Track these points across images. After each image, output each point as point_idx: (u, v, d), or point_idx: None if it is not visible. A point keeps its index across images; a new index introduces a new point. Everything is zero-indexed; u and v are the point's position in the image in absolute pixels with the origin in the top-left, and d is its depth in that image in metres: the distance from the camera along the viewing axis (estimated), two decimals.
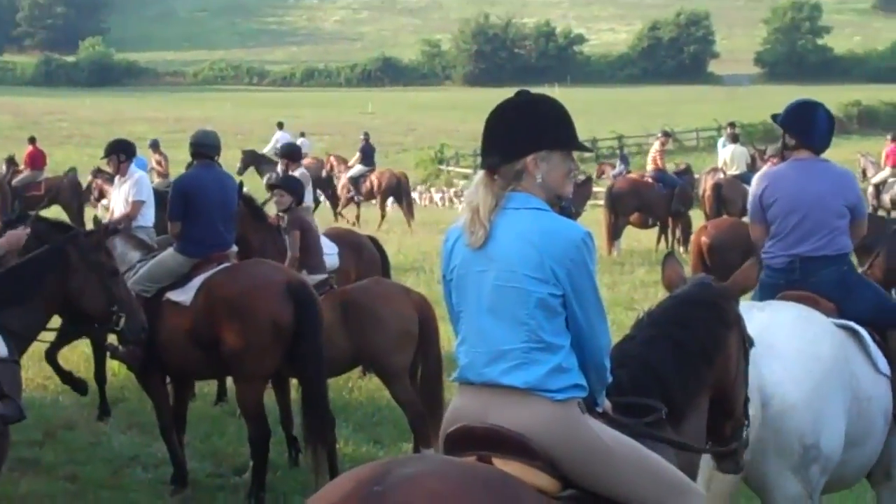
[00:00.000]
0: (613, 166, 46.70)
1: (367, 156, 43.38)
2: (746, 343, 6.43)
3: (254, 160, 40.74)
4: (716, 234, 21.90)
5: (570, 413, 5.16)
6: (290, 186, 15.43)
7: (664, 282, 7.16)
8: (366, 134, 45.92)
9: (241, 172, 37.06)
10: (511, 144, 5.35)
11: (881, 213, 33.06)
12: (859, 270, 10.41)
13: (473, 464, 4.98)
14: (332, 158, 39.92)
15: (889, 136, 39.53)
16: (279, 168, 31.78)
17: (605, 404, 5.48)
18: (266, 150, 42.83)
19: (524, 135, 5.36)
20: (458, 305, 5.46)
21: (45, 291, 11.03)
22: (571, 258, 5.18)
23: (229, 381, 15.10)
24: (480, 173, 5.39)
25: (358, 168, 42.22)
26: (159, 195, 18.75)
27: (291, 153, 18.58)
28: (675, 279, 6.90)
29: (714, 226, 22.58)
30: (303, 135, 45.42)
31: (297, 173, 18.01)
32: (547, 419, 5.11)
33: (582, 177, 34.12)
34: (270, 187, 16.89)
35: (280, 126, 45.28)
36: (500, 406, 5.17)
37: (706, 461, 6.52)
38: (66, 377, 15.40)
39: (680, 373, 5.88)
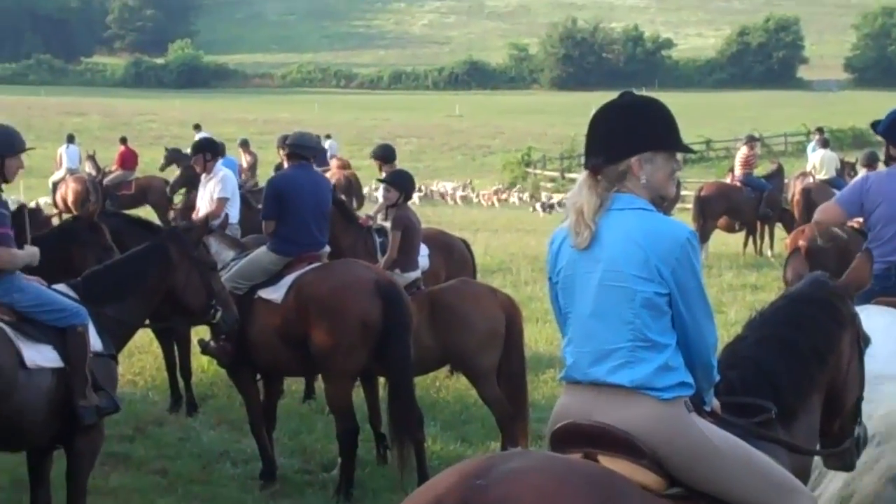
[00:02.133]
0: None
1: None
2: (861, 342, 6.35)
3: (176, 158, 40.37)
4: (814, 236, 21.73)
5: (677, 412, 5.14)
6: (400, 182, 15.26)
7: (786, 277, 7.20)
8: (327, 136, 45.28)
9: (162, 169, 36.93)
10: (616, 145, 5.33)
11: None
12: None
13: (578, 460, 4.97)
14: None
15: None
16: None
17: (714, 403, 5.44)
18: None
19: (629, 136, 5.35)
20: (566, 307, 5.45)
21: (147, 287, 11.24)
22: (677, 257, 5.16)
23: (318, 378, 15.11)
24: (584, 174, 5.38)
25: None
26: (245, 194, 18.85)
27: (385, 155, 18.55)
28: (797, 274, 6.90)
29: (811, 228, 22.41)
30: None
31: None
32: (653, 418, 5.08)
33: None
34: (379, 181, 16.81)
35: (197, 128, 43.52)
36: (607, 404, 5.15)
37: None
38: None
39: (791, 373, 5.83)
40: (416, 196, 38.75)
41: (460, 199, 55.56)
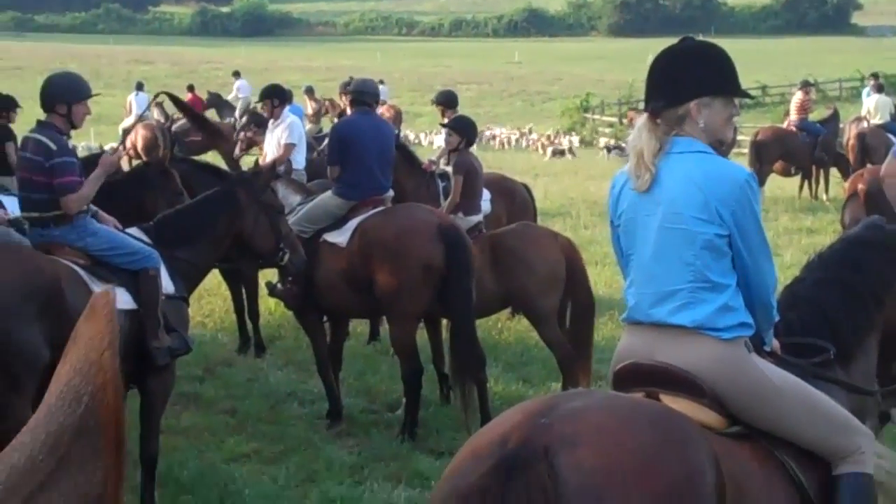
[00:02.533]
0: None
1: None
2: None
3: (215, 103, 40.35)
4: (873, 180, 21.61)
5: (737, 351, 5.16)
6: (461, 127, 15.25)
7: (843, 221, 7.24)
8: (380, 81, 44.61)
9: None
10: (675, 89, 5.36)
11: None
12: None
13: (639, 399, 5.01)
14: (326, 103, 37.62)
15: None
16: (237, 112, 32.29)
17: (774, 344, 5.48)
18: (229, 97, 42.33)
19: (688, 80, 5.39)
20: (627, 249, 5.51)
21: (217, 231, 11.41)
22: (737, 199, 5.19)
23: (382, 320, 15.20)
24: (643, 117, 5.43)
25: None
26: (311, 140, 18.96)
27: (447, 101, 18.56)
28: (854, 218, 6.92)
29: (870, 172, 22.31)
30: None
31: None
32: (714, 357, 5.11)
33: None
34: (443, 126, 16.86)
35: (237, 75, 44.30)
36: (668, 344, 5.19)
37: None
38: None
39: (849, 314, 5.84)
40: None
41: (515, 142, 55.83)
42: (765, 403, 5.11)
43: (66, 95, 10.78)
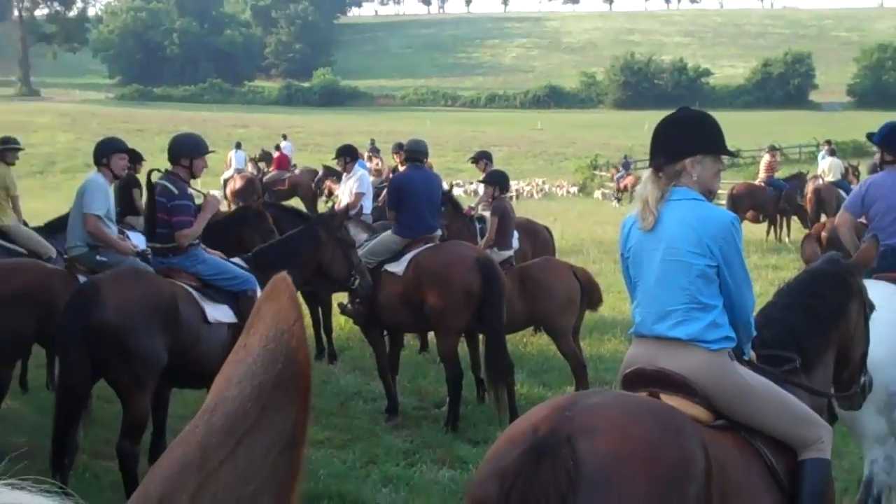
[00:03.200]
0: (618, 169, 55.18)
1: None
2: (867, 308, 6.37)
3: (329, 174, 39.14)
4: (832, 228, 21.64)
5: (723, 360, 5.21)
6: (495, 179, 15.47)
7: (804, 257, 7.25)
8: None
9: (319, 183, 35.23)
10: (674, 149, 5.44)
11: None
12: None
13: (644, 398, 5.04)
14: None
15: None
16: None
17: (751, 354, 5.52)
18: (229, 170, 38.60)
19: (684, 142, 5.47)
20: (635, 277, 5.54)
21: (302, 260, 11.53)
22: (724, 237, 5.26)
23: (430, 334, 15.22)
24: (648, 171, 5.51)
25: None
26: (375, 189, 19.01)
27: (484, 157, 18.59)
28: (811, 255, 6.93)
29: (830, 222, 22.38)
30: (284, 137, 42.10)
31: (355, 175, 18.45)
32: (704, 364, 5.16)
33: None
34: (480, 181, 16.80)
35: (284, 137, 42.91)
36: (667, 354, 5.24)
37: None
38: None
39: (811, 333, 5.88)
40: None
41: (537, 192, 56.02)
42: (744, 402, 5.13)
43: (189, 151, 10.91)
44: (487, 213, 15.13)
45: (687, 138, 5.46)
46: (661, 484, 4.41)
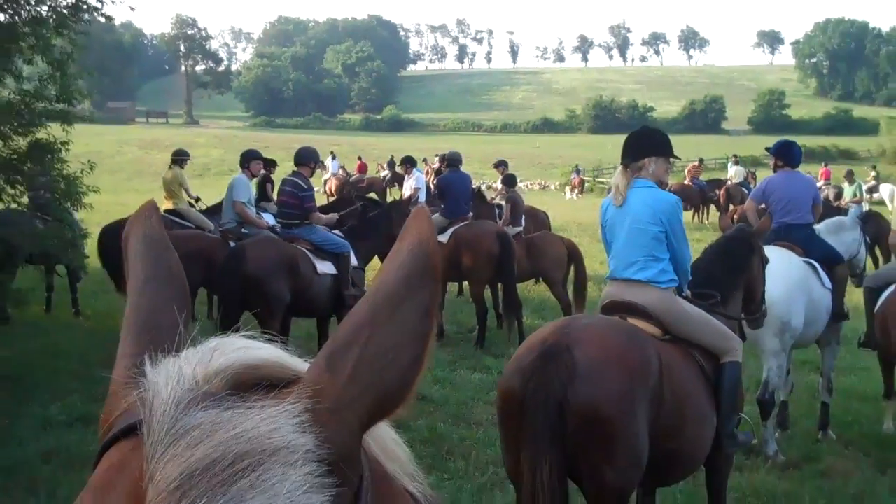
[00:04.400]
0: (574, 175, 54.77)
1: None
2: (763, 261, 6.33)
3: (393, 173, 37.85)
4: (742, 212, 21.48)
5: (670, 295, 5.22)
6: (508, 180, 15.70)
7: (721, 227, 7.32)
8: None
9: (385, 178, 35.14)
10: (637, 152, 5.42)
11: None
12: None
13: (617, 320, 5.02)
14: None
15: (823, 164, 38.83)
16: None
17: (687, 292, 5.46)
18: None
19: (644, 147, 5.45)
20: (610, 239, 5.53)
21: (379, 233, 11.46)
22: (670, 212, 5.30)
23: (465, 284, 15.25)
24: (620, 168, 5.49)
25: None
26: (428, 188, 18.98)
27: (502, 164, 18.56)
28: (726, 226, 6.98)
29: (740, 208, 22.19)
30: (333, 156, 38.51)
31: (413, 178, 18.53)
32: (657, 298, 5.16)
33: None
34: (501, 182, 16.71)
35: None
36: (632, 291, 5.24)
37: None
38: None
39: (727, 278, 5.90)
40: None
41: (536, 188, 56.05)
42: (683, 323, 5.13)
43: (312, 157, 10.98)
44: (504, 202, 15.14)
45: (646, 145, 5.46)
46: (629, 376, 4.43)
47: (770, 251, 8.05)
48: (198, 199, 15.06)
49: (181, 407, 0.85)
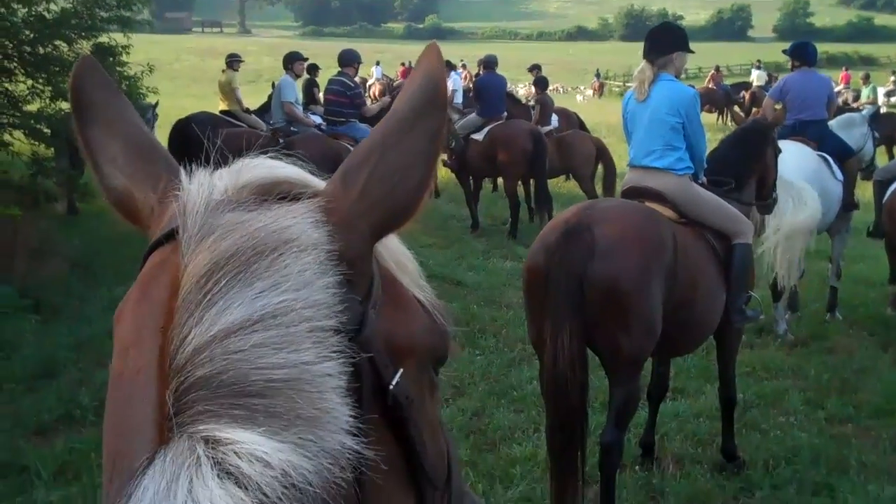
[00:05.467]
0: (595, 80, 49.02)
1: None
2: (776, 151, 6.24)
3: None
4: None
5: (685, 181, 5.18)
6: (540, 82, 15.58)
7: (736, 122, 7.24)
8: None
9: None
10: (664, 47, 5.34)
11: None
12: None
13: (636, 203, 5.00)
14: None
15: (843, 68, 37.92)
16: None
17: (703, 179, 5.43)
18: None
19: (670, 43, 5.38)
20: (631, 129, 5.46)
21: None
22: (688, 104, 5.23)
23: (499, 179, 15.25)
24: (643, 62, 5.38)
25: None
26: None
27: (536, 68, 18.27)
28: (741, 121, 6.90)
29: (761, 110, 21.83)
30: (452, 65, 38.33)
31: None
32: (673, 183, 5.14)
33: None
34: (533, 84, 16.50)
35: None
36: (650, 177, 5.21)
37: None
38: None
39: (741, 165, 5.82)
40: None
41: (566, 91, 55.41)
42: (697, 207, 5.10)
43: (355, 59, 10.93)
44: (534, 104, 15.06)
45: (671, 40, 5.37)
46: (646, 252, 4.44)
47: (785, 145, 7.98)
48: (247, 110, 14.89)
49: (210, 209, 0.91)
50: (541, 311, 4.45)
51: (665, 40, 5.37)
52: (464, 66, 32.79)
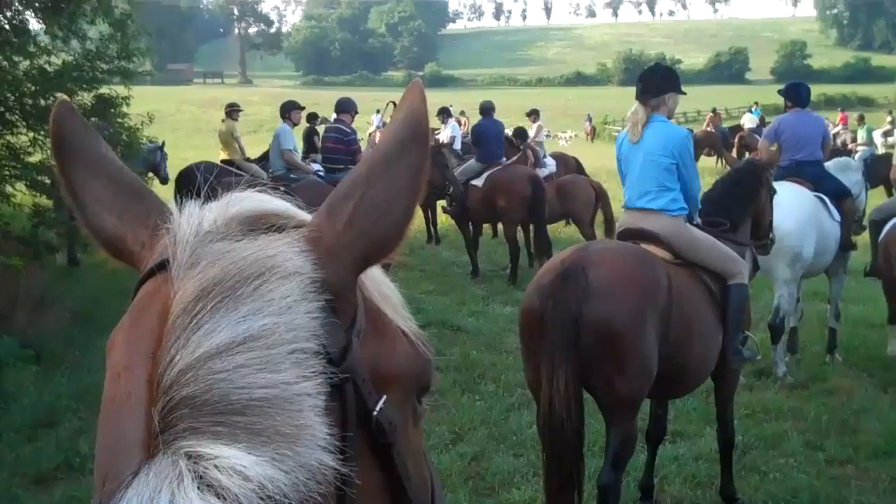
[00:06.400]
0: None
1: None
2: (770, 192, 6.30)
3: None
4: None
5: (680, 222, 5.24)
6: (518, 136, 15.90)
7: (729, 164, 7.30)
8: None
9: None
10: (658, 88, 5.38)
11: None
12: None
13: (631, 245, 5.05)
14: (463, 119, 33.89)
15: (839, 109, 38.29)
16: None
17: (697, 220, 5.48)
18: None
19: (664, 84, 5.44)
20: (625, 171, 5.54)
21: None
22: (681, 145, 5.29)
23: (499, 225, 15.30)
24: (636, 103, 5.43)
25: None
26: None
27: (534, 113, 18.46)
28: (734, 162, 6.95)
29: (758, 152, 21.91)
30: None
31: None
32: (668, 225, 5.19)
33: None
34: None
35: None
36: (645, 218, 5.28)
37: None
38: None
39: (736, 206, 5.87)
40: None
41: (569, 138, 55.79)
42: (693, 248, 5.16)
43: (352, 107, 11.07)
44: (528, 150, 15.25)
45: (664, 82, 5.44)
46: (640, 293, 4.50)
47: (783, 186, 8.07)
48: (247, 159, 14.98)
49: (200, 239, 0.97)
50: (537, 353, 4.49)
51: (657, 82, 5.44)
52: (462, 114, 33.04)
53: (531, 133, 17.43)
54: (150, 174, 15.48)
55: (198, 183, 1.18)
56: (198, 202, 1.06)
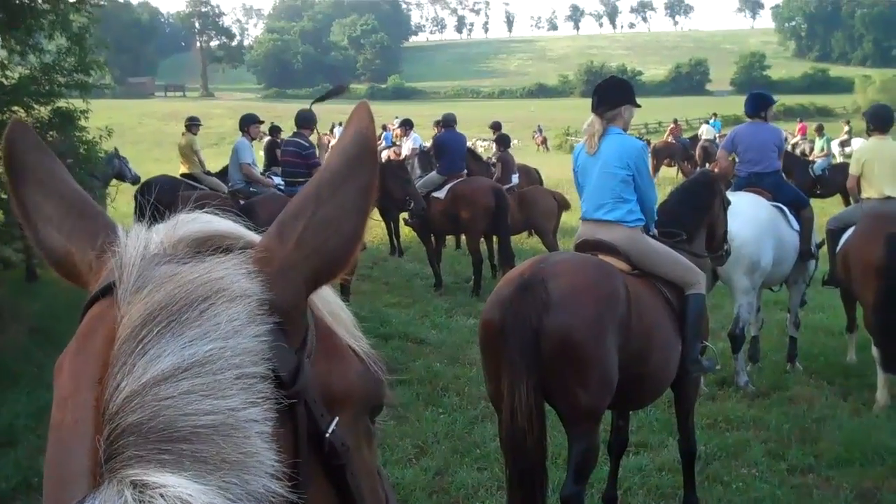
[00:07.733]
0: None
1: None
2: (725, 203, 6.37)
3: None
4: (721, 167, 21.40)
5: (637, 233, 5.26)
6: (502, 141, 15.68)
7: (685, 175, 7.33)
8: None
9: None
10: (613, 101, 5.40)
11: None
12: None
13: (589, 256, 5.07)
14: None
15: (798, 120, 38.78)
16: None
17: (654, 231, 5.51)
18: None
19: (620, 96, 5.46)
20: (582, 183, 5.55)
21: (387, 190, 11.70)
22: (637, 156, 5.32)
23: (462, 237, 15.29)
24: (593, 115, 5.44)
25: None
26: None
27: (496, 126, 18.51)
28: (689, 172, 7.01)
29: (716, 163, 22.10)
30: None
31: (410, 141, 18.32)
32: (625, 236, 5.21)
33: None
34: (493, 141, 16.74)
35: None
36: (602, 230, 5.29)
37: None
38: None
39: (691, 217, 5.93)
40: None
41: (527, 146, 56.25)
42: (650, 258, 5.18)
43: (311, 122, 11.02)
44: (496, 161, 15.24)
45: (620, 94, 5.45)
46: (599, 304, 4.51)
47: (740, 196, 8.15)
48: (207, 173, 14.84)
49: (146, 262, 0.95)
50: (498, 365, 4.48)
51: (613, 94, 5.46)
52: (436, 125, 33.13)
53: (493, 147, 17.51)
54: (117, 182, 15.40)
55: (152, 201, 1.17)
56: (144, 223, 1.04)
